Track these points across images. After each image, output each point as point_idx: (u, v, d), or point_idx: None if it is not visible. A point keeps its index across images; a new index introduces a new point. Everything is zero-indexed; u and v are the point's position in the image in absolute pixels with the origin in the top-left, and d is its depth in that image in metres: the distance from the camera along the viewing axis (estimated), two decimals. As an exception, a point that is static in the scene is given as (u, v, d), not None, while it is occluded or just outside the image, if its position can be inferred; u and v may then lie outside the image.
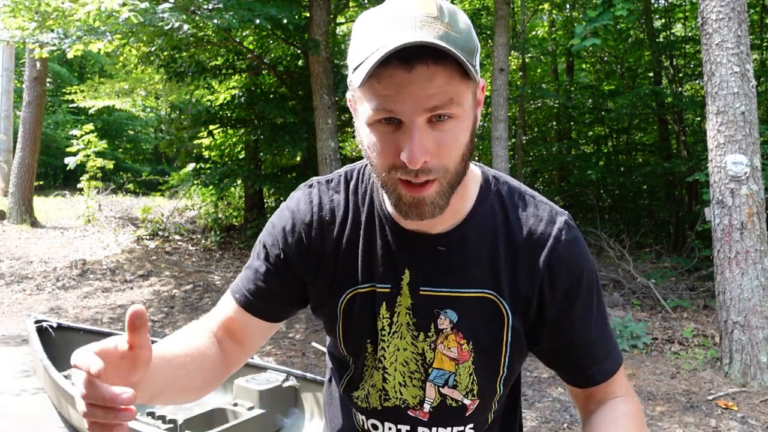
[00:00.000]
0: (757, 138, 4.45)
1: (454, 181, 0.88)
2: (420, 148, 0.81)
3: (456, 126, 0.84)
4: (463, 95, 0.83)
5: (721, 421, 3.79)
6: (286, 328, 5.99)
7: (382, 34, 0.80)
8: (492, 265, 0.97)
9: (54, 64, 18.97)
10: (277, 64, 9.80)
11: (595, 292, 1.01)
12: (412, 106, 0.80)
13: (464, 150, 0.87)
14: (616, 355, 1.03)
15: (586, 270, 0.99)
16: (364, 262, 1.00)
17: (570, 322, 0.99)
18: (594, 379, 1.02)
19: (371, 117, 0.83)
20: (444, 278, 0.97)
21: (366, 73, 0.79)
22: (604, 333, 1.03)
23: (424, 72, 0.79)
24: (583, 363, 1.02)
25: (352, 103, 0.91)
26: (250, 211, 10.59)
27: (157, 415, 3.15)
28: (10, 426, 3.77)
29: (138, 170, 23.31)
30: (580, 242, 1.00)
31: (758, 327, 4.32)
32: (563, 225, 0.98)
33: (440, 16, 0.81)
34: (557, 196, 11.11)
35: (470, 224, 0.98)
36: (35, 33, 6.76)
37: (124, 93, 11.13)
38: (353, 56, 0.84)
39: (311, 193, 1.05)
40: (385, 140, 0.84)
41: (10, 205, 11.11)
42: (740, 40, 4.41)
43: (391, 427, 1.03)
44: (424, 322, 0.98)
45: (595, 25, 6.00)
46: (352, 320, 1.02)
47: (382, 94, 0.81)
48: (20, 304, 6.99)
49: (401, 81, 0.79)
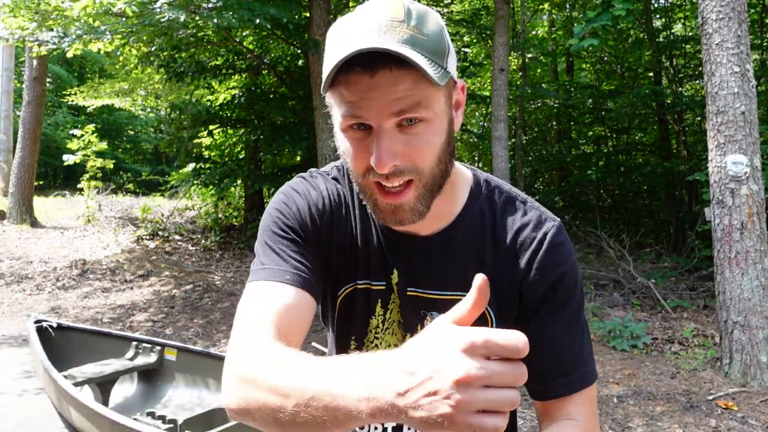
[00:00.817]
0: (757, 138, 4.45)
1: (431, 184, 0.87)
2: (387, 151, 0.81)
3: (428, 129, 0.84)
4: (432, 98, 0.83)
5: (721, 421, 3.79)
6: (286, 328, 5.98)
7: (348, 41, 0.80)
8: (477, 269, 0.92)
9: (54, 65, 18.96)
10: (277, 64, 9.80)
11: (573, 301, 0.97)
12: (378, 110, 0.81)
13: (439, 152, 0.86)
14: (585, 372, 0.96)
15: (568, 277, 0.96)
16: (363, 257, 1.00)
17: (539, 325, 0.95)
18: (553, 390, 0.95)
19: (342, 123, 0.84)
20: (430, 280, 0.97)
21: (327, 78, 0.80)
22: (576, 345, 0.96)
23: (387, 77, 0.79)
24: (545, 372, 0.95)
25: (329, 108, 0.91)
26: (250, 211, 10.59)
27: (157, 415, 3.15)
28: (11, 426, 3.77)
29: (138, 170, 23.32)
30: (566, 249, 0.97)
31: (758, 327, 4.32)
32: (549, 229, 0.97)
33: (406, 20, 0.81)
34: (557, 196, 11.11)
35: (458, 227, 0.98)
36: (35, 32, 6.76)
37: (124, 93, 11.14)
38: (324, 64, 0.85)
39: (317, 182, 1.02)
40: (357, 146, 0.85)
41: (10, 205, 11.11)
42: (740, 40, 4.41)
43: (377, 426, 1.02)
44: (413, 323, 0.99)
45: (593, 25, 5.99)
46: (346, 313, 1.02)
47: (349, 100, 0.82)
48: (20, 304, 6.99)
49: (365, 87, 0.80)
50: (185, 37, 7.37)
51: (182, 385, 3.94)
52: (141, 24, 6.19)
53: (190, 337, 5.67)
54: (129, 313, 6.56)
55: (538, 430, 1.04)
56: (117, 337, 4.26)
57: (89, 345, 4.21)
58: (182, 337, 5.69)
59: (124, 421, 2.74)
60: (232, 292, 7.30)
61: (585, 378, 0.96)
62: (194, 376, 3.91)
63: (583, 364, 0.97)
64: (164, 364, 3.99)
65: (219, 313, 6.46)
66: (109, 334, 4.34)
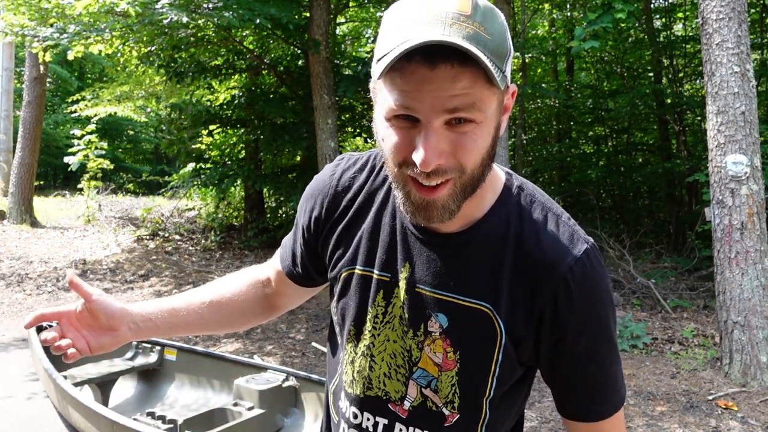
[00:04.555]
0: (757, 138, 4.45)
1: (469, 185, 0.84)
2: (434, 150, 0.78)
3: (476, 130, 0.81)
4: (487, 100, 0.80)
5: (722, 421, 3.79)
6: (287, 328, 5.99)
7: (410, 28, 0.77)
8: (493, 278, 0.91)
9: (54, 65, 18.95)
10: (277, 64, 9.80)
11: (604, 331, 0.93)
12: (431, 105, 0.77)
13: (484, 155, 0.83)
14: (615, 398, 0.96)
15: (598, 307, 0.91)
16: (367, 244, 1.00)
17: (569, 359, 0.93)
18: (584, 416, 0.97)
19: (389, 111, 0.81)
20: (441, 280, 0.94)
21: (386, 66, 0.77)
22: (607, 375, 0.95)
23: (448, 72, 0.76)
24: (576, 400, 0.96)
25: (373, 93, 0.88)
26: (251, 211, 10.59)
27: (157, 415, 3.16)
28: (11, 427, 3.78)
29: (138, 170, 23.32)
30: (599, 277, 0.91)
31: (758, 327, 4.32)
32: (582, 254, 0.90)
33: (473, 15, 0.78)
34: (557, 196, 11.11)
35: (479, 230, 0.93)
36: (35, 29, 6.76)
37: (125, 96, 11.13)
38: (379, 46, 0.81)
39: (336, 165, 1.08)
40: (400, 135, 0.82)
41: (10, 205, 11.11)
42: (740, 40, 4.41)
43: (370, 418, 1.01)
44: (416, 321, 0.95)
45: (594, 27, 5.99)
46: (344, 297, 1.03)
47: (402, 89, 0.78)
48: (20, 304, 6.99)
49: (423, 78, 0.76)
50: (185, 37, 7.38)
51: (182, 385, 3.94)
52: (141, 23, 6.19)
53: (191, 338, 5.68)
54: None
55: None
56: (117, 337, 4.25)
57: (89, 345, 4.20)
58: (183, 337, 5.69)
59: (124, 421, 2.74)
60: (232, 292, 7.28)
61: (615, 404, 0.97)
62: (194, 377, 3.91)
63: (615, 391, 0.97)
64: (164, 364, 3.99)
65: (219, 313, 6.44)
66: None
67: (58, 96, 21.96)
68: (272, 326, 6.05)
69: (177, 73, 8.68)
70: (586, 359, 0.93)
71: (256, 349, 5.35)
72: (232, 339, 5.66)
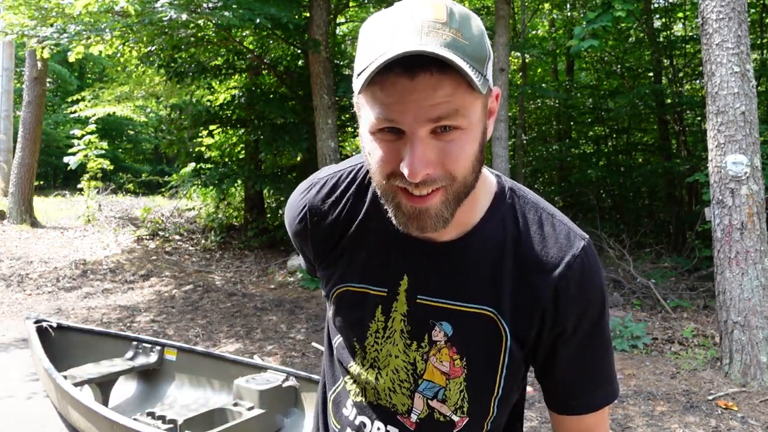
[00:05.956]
0: (757, 138, 4.45)
1: (461, 192, 0.84)
2: (421, 160, 0.78)
3: (462, 137, 0.80)
4: (470, 106, 0.79)
5: (722, 421, 3.79)
6: (287, 328, 5.99)
7: (387, 40, 0.76)
8: (494, 282, 0.92)
9: (54, 64, 18.96)
10: (277, 64, 9.81)
11: (599, 326, 0.95)
12: (414, 116, 0.77)
13: (473, 161, 0.83)
14: (607, 390, 0.98)
15: (596, 303, 0.94)
16: (358, 260, 0.99)
17: (565, 353, 0.95)
18: (573, 409, 0.98)
19: (373, 125, 0.80)
20: (443, 288, 0.94)
21: (366, 80, 0.76)
22: (601, 366, 0.98)
23: (428, 81, 0.75)
24: (568, 392, 0.98)
25: (356, 108, 0.87)
26: (251, 211, 10.59)
27: (157, 415, 3.15)
28: (11, 427, 3.78)
29: (138, 170, 23.32)
30: (595, 272, 0.94)
31: (758, 327, 4.32)
32: (579, 251, 0.92)
33: (449, 22, 0.77)
34: (557, 196, 11.12)
35: (476, 236, 0.93)
36: (35, 29, 6.76)
37: (125, 96, 11.12)
38: (358, 61, 0.81)
39: (303, 197, 1.03)
40: (385, 148, 0.81)
41: (10, 205, 11.11)
42: (740, 40, 4.41)
43: (380, 427, 1.00)
44: (419, 332, 0.95)
45: (594, 26, 6.00)
46: (341, 315, 1.02)
47: (384, 102, 0.77)
48: (20, 304, 6.99)
49: (403, 90, 0.76)
50: (185, 37, 7.38)
51: (182, 386, 3.94)
52: (141, 23, 6.19)
53: (191, 338, 5.68)
54: (130, 313, 6.56)
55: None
56: (117, 337, 4.25)
57: (89, 345, 4.20)
58: (184, 337, 5.69)
59: (124, 421, 2.74)
60: (233, 293, 7.30)
61: (606, 397, 0.99)
62: (194, 377, 3.91)
63: (607, 383, 0.99)
64: (164, 364, 3.99)
65: (219, 314, 6.45)
66: (109, 334, 4.34)
67: (58, 96, 21.97)
68: (272, 326, 6.05)
69: (177, 73, 8.68)
70: (581, 352, 0.95)
71: (256, 349, 5.35)
72: (232, 339, 5.66)
